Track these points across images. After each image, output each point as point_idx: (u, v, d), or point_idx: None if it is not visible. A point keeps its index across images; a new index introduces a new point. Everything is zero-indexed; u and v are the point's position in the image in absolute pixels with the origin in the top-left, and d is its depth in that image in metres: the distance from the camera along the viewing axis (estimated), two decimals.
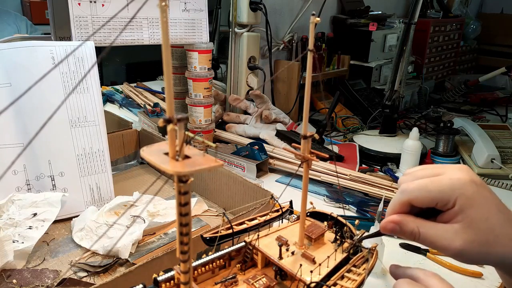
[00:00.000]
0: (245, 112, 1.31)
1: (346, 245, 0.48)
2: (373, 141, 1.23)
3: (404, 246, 0.78)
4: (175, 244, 0.31)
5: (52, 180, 0.79)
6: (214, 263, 0.45)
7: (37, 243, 0.67)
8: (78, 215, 0.77)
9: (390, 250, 0.76)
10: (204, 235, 0.48)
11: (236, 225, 0.50)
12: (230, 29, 1.27)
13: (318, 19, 0.38)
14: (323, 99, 1.58)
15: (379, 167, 1.13)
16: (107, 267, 0.65)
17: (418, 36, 1.55)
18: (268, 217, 0.52)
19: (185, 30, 1.01)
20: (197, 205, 0.84)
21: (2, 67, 0.75)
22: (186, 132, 0.28)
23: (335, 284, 0.42)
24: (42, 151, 0.78)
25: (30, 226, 0.68)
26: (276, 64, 1.48)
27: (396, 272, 0.46)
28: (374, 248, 0.48)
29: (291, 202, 0.58)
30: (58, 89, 0.78)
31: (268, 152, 1.09)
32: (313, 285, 0.41)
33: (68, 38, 0.87)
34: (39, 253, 0.69)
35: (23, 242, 0.66)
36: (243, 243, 0.48)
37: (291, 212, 0.56)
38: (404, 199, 0.44)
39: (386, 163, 1.13)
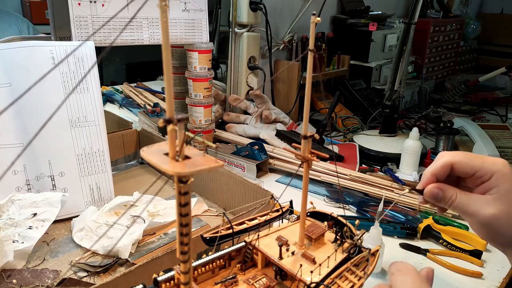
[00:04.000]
0: (245, 112, 1.31)
1: (346, 245, 0.48)
2: (373, 141, 1.23)
3: (404, 246, 0.78)
4: (175, 244, 0.31)
5: (52, 180, 0.79)
6: (214, 263, 0.45)
7: (37, 243, 0.67)
8: (78, 215, 0.77)
9: (390, 250, 0.76)
10: (204, 235, 0.48)
11: (236, 225, 0.50)
12: (230, 29, 1.27)
13: (318, 18, 0.38)
14: (323, 99, 1.58)
15: (379, 167, 1.13)
16: (107, 267, 0.65)
17: (418, 36, 1.55)
18: (268, 217, 0.52)
19: (185, 30, 1.01)
20: (197, 205, 0.84)
21: (2, 67, 0.75)
22: (186, 132, 0.28)
23: (333, 283, 0.42)
24: (42, 151, 0.78)
25: (30, 226, 0.68)
26: (276, 64, 1.48)
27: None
28: (376, 251, 0.48)
29: (291, 202, 0.58)
30: (58, 89, 0.78)
31: (268, 152, 1.09)
32: (313, 285, 0.41)
33: (68, 38, 0.87)
34: (39, 253, 0.69)
35: (23, 242, 0.66)
36: (243, 243, 0.48)
37: (291, 212, 0.56)
38: (449, 160, 0.47)
39: (386, 163, 1.13)
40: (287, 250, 0.47)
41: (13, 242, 0.65)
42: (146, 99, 1.42)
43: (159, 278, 0.39)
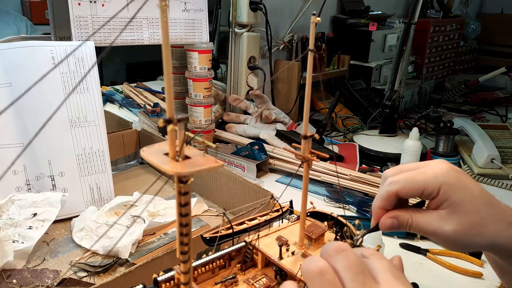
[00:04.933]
0: (245, 112, 1.31)
1: None
2: (373, 141, 1.23)
3: (404, 246, 0.78)
4: (175, 244, 0.31)
5: (52, 180, 0.79)
6: (214, 263, 0.45)
7: (37, 243, 0.67)
8: (78, 215, 0.77)
9: (390, 250, 0.76)
10: (204, 235, 0.48)
11: (236, 225, 0.50)
12: (230, 29, 1.27)
13: (318, 18, 0.38)
14: (323, 99, 1.58)
15: (379, 167, 1.13)
16: (107, 267, 0.65)
17: (418, 36, 1.55)
18: (268, 217, 0.52)
19: (185, 30, 1.01)
20: (197, 205, 0.84)
21: (2, 67, 0.75)
22: (186, 132, 0.28)
23: None
24: (42, 151, 0.78)
25: (30, 226, 0.68)
26: (276, 64, 1.48)
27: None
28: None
29: (291, 202, 0.58)
30: (58, 89, 0.78)
31: (268, 152, 1.09)
32: None
33: (68, 38, 0.87)
34: (39, 253, 0.69)
35: (23, 242, 0.66)
36: (243, 243, 0.48)
37: (291, 212, 0.56)
38: (392, 190, 0.45)
39: (386, 163, 1.13)
40: (287, 250, 0.47)
41: (13, 242, 0.65)
42: (146, 99, 1.42)
43: (159, 278, 0.39)
